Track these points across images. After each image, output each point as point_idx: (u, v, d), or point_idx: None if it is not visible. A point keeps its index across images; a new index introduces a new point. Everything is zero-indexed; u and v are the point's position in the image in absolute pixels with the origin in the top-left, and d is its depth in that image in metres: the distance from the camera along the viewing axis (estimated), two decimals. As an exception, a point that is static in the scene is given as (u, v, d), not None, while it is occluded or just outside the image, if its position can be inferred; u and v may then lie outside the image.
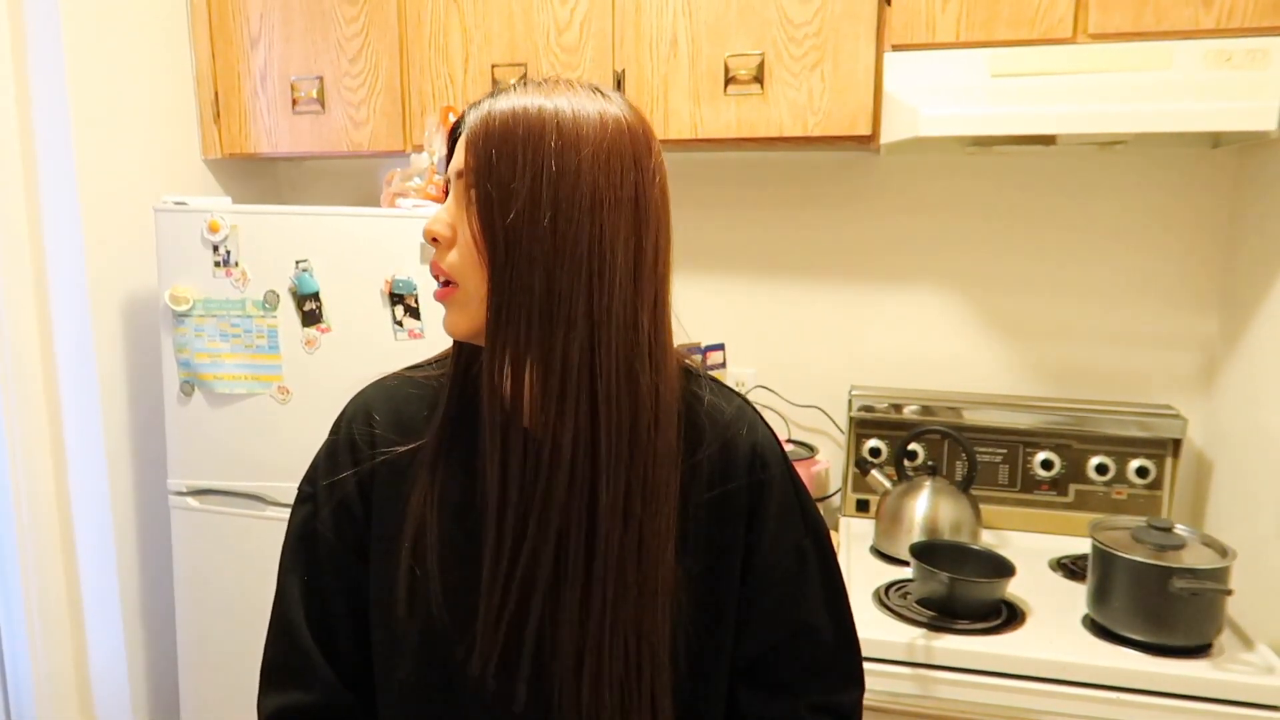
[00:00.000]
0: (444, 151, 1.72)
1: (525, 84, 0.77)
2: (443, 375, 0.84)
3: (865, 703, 1.37)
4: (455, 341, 0.82)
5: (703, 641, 0.79)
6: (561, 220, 0.71)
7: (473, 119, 0.75)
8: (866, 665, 1.38)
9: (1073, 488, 1.83)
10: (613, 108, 0.75)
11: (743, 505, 0.81)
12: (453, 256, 0.75)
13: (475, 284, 0.74)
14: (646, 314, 0.74)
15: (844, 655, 0.86)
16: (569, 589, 0.73)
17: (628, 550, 0.73)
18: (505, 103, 0.74)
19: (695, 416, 0.81)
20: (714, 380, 0.86)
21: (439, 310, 1.20)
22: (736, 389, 0.90)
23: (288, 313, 1.69)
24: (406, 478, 0.80)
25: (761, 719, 0.83)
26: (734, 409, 0.84)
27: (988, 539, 1.77)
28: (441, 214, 0.77)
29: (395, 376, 0.88)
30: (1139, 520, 1.46)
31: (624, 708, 0.74)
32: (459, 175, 0.76)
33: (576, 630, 0.73)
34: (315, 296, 1.67)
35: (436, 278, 0.77)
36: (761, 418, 0.87)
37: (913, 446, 1.88)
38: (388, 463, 0.81)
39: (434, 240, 0.76)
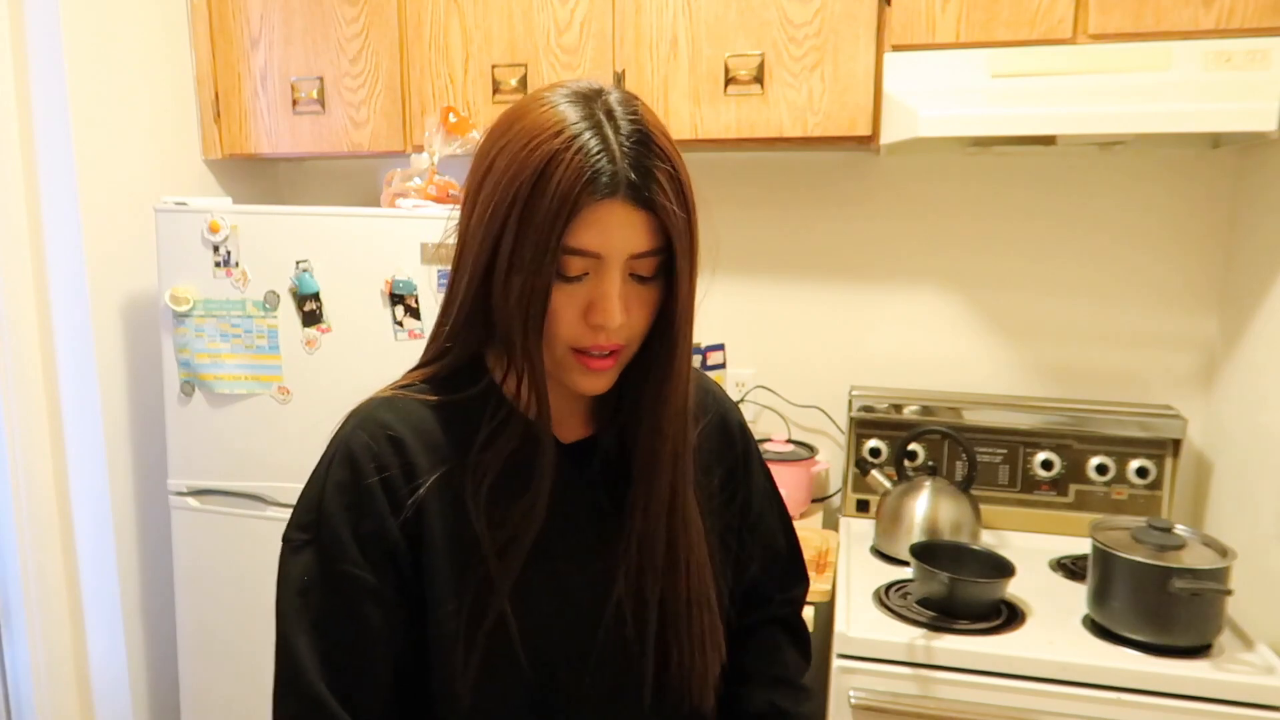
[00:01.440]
0: (444, 151, 1.72)
1: (652, 137, 0.70)
2: (461, 398, 0.78)
3: (865, 703, 1.39)
4: (479, 364, 0.79)
5: (724, 589, 0.88)
6: None
7: (657, 199, 0.69)
8: (867, 665, 1.41)
9: (1073, 488, 1.83)
10: None
11: (742, 472, 0.93)
12: (627, 332, 0.74)
13: (637, 346, 0.77)
14: None
15: (795, 560, 1.00)
16: (667, 564, 0.80)
17: (690, 519, 0.81)
18: (667, 169, 0.70)
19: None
20: None
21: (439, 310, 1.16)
22: (735, 390, 0.96)
23: (288, 313, 1.69)
24: (452, 498, 0.75)
25: (747, 626, 0.95)
26: (714, 386, 0.95)
27: (988, 539, 1.77)
28: (619, 303, 0.70)
29: (398, 398, 0.78)
30: (1139, 520, 1.46)
31: (703, 660, 0.82)
32: (639, 256, 0.70)
33: (661, 605, 0.80)
34: (315, 297, 1.67)
35: (607, 359, 0.74)
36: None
37: (913, 447, 1.88)
38: (432, 489, 0.74)
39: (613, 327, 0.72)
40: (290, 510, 0.79)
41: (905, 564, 1.62)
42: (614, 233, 0.69)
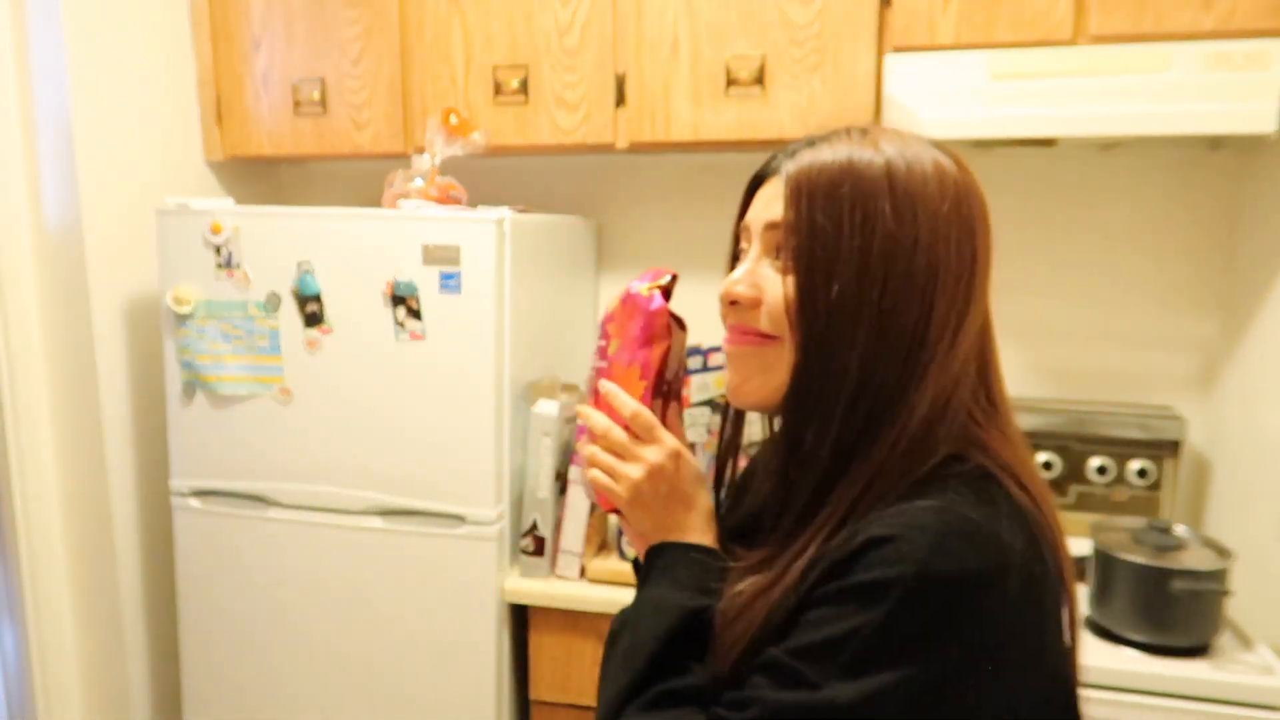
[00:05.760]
0: (445, 153, 1.72)
1: (849, 132, 0.69)
2: None
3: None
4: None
5: None
6: (889, 297, 0.64)
7: (791, 168, 0.68)
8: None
9: (1073, 489, 1.83)
10: (948, 162, 0.69)
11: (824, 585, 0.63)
12: (766, 320, 0.69)
13: (789, 347, 0.68)
14: (959, 401, 0.68)
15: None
16: None
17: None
18: (829, 152, 0.67)
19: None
20: (1006, 496, 0.66)
21: (440, 312, 1.15)
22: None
23: (289, 314, 1.69)
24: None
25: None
26: (914, 514, 0.62)
27: (988, 540, 1.77)
28: (743, 274, 0.70)
29: None
30: (1139, 521, 1.46)
31: None
32: (770, 227, 0.69)
33: None
34: (317, 298, 1.68)
35: (741, 336, 0.71)
36: (955, 547, 0.60)
37: (913, 447, 1.88)
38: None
39: (733, 303, 0.70)
40: (290, 509, 0.79)
41: (906, 565, 1.62)
42: (759, 205, 0.72)
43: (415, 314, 1.63)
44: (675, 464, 0.76)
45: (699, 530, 0.78)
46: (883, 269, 0.64)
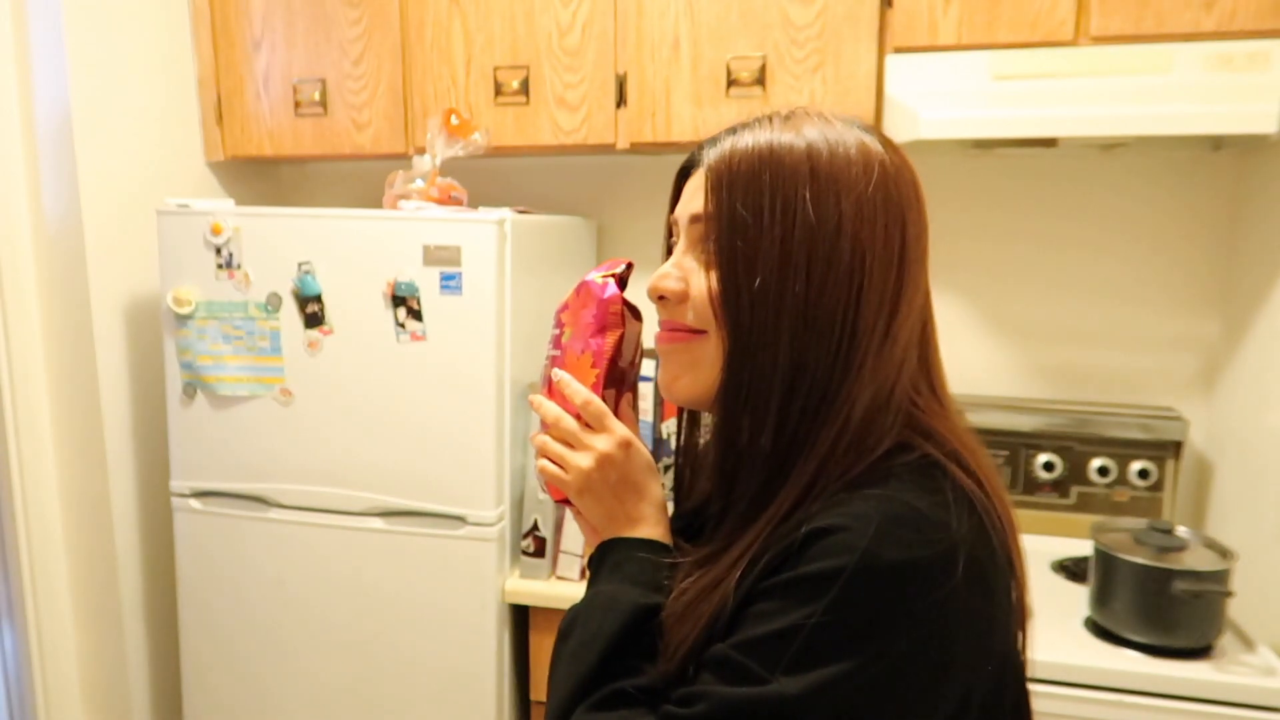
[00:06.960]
0: (446, 153, 1.72)
1: (771, 118, 0.68)
2: None
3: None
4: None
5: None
6: (814, 286, 0.63)
7: (712, 158, 0.68)
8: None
9: (1074, 490, 1.83)
10: (876, 144, 0.67)
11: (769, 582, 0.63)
12: (692, 315, 0.69)
13: (716, 341, 0.67)
14: (902, 390, 0.67)
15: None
16: None
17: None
18: (749, 139, 0.67)
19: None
20: (953, 483, 0.63)
21: (441, 313, 1.14)
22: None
23: (290, 315, 1.69)
24: None
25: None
26: (858, 504, 0.61)
27: (989, 541, 1.77)
28: (670, 268, 0.70)
29: None
30: (1140, 522, 1.46)
31: None
32: (694, 220, 0.69)
33: None
34: (317, 299, 1.68)
35: (673, 332, 0.71)
36: (897, 540, 0.59)
37: (914, 448, 1.88)
38: None
39: (661, 298, 0.70)
40: (290, 510, 0.78)
41: (907, 565, 1.62)
42: (685, 198, 0.72)
43: (416, 315, 1.63)
44: (625, 453, 0.74)
45: (651, 520, 0.76)
46: (805, 257, 0.63)
